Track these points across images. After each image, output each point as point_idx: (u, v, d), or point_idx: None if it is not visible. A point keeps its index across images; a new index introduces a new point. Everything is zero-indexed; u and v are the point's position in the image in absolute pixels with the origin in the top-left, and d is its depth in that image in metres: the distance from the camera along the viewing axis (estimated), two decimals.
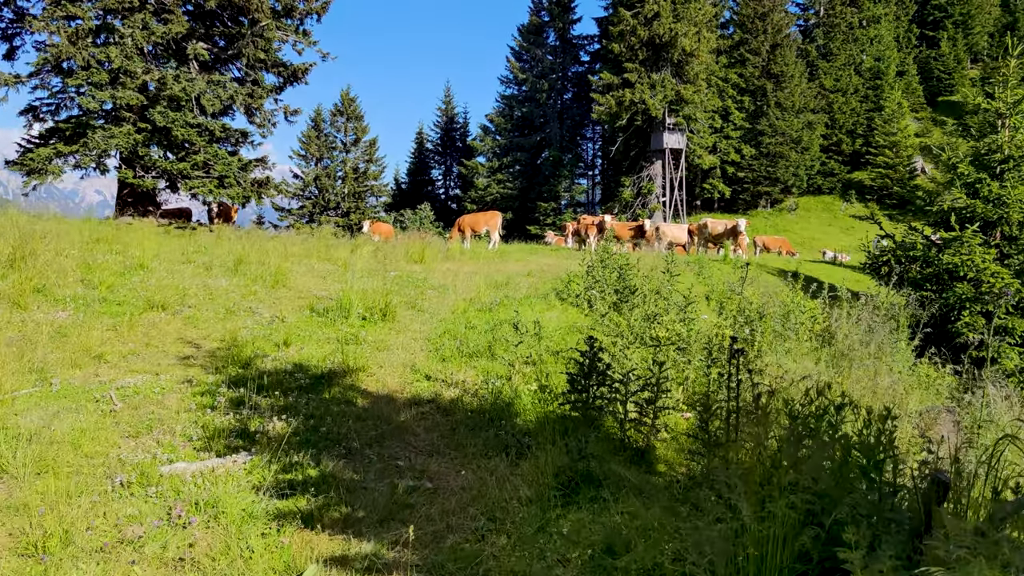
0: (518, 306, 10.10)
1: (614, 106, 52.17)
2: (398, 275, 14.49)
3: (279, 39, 27.26)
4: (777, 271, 28.45)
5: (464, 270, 17.61)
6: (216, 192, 26.00)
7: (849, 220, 57.26)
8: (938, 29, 72.57)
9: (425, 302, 10.66)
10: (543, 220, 58.86)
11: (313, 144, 57.65)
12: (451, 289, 12.17)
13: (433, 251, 20.37)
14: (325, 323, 8.69)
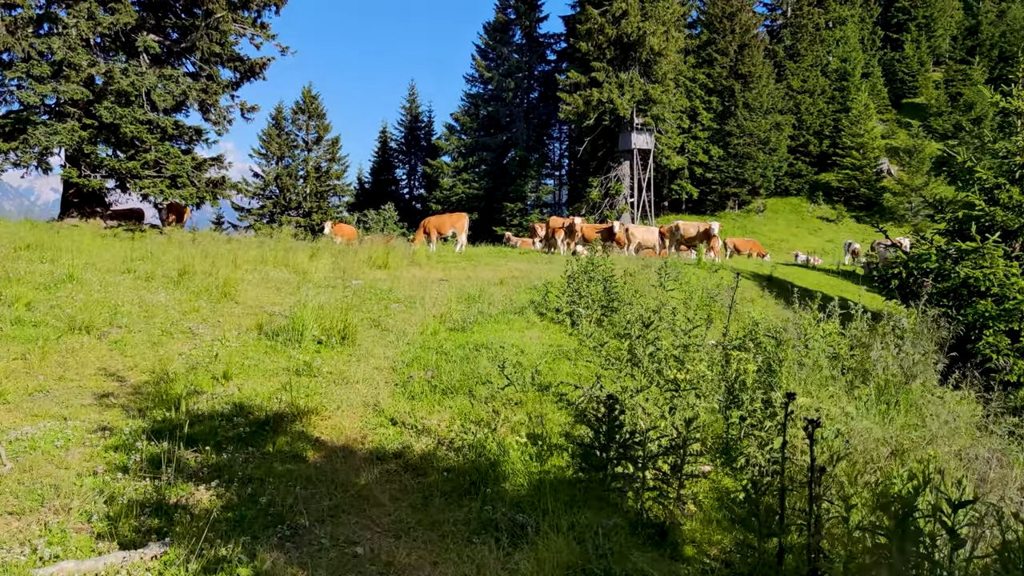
0: (494, 325, 9.03)
1: (582, 106, 51.27)
2: (361, 285, 13.33)
3: (235, 32, 25.90)
4: (751, 275, 27.70)
5: (431, 277, 16.51)
6: (168, 193, 24.60)
7: (817, 222, 56.95)
8: (902, 31, 72.77)
9: (390, 319, 9.51)
10: (509, 221, 57.83)
11: (274, 142, 56.12)
12: (419, 303, 11.03)
13: (398, 256, 19.21)
14: (274, 348, 7.53)
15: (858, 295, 10.42)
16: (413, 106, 75.04)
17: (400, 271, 17.74)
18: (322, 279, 14.32)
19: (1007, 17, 69.24)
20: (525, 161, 59.64)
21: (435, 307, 10.59)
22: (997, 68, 64.13)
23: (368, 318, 9.36)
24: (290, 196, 55.51)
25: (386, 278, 15.38)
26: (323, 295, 11.66)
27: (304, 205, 56.02)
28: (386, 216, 55.66)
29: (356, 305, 10.05)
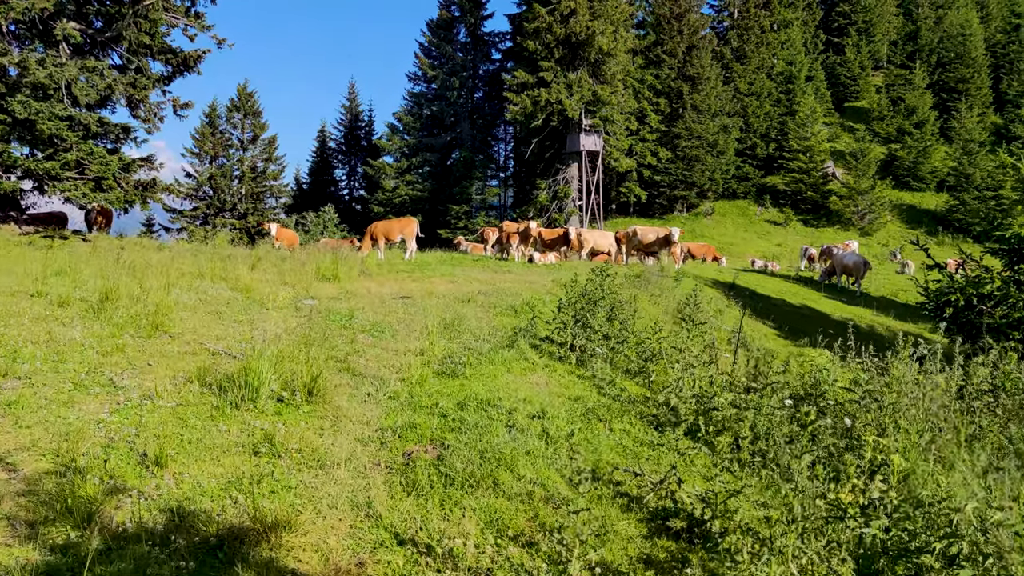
0: (489, 366, 7.50)
1: (529, 106, 49.93)
2: (315, 306, 11.65)
3: (167, 22, 23.81)
4: (713, 282, 26.66)
5: (388, 291, 14.91)
6: (92, 196, 22.45)
7: (765, 225, 56.62)
8: (843, 36, 73.22)
9: (361, 358, 7.87)
10: (454, 223, 56.24)
11: (207, 141, 53.70)
12: (388, 331, 9.42)
13: (348, 266, 17.52)
14: (222, 411, 5.84)
15: (936, 335, 9.06)
16: (353, 105, 72.96)
17: (352, 284, 16.10)
18: (268, 297, 12.60)
19: (944, 23, 70.10)
20: (470, 162, 58.09)
21: (409, 337, 9.00)
22: (936, 73, 64.76)
23: (333, 357, 7.72)
24: (225, 197, 53.23)
25: (339, 294, 13.74)
26: (275, 320, 9.98)
27: (240, 207, 53.79)
28: (326, 218, 53.71)
29: (317, 339, 8.41)
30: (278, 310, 11.09)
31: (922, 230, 54.95)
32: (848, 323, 25.76)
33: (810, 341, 19.95)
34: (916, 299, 31.91)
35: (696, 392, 6.39)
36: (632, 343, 8.19)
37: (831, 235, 52.87)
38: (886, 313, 26.89)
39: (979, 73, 64.30)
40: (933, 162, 59.25)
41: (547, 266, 24.55)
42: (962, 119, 57.68)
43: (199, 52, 24.65)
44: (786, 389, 6.09)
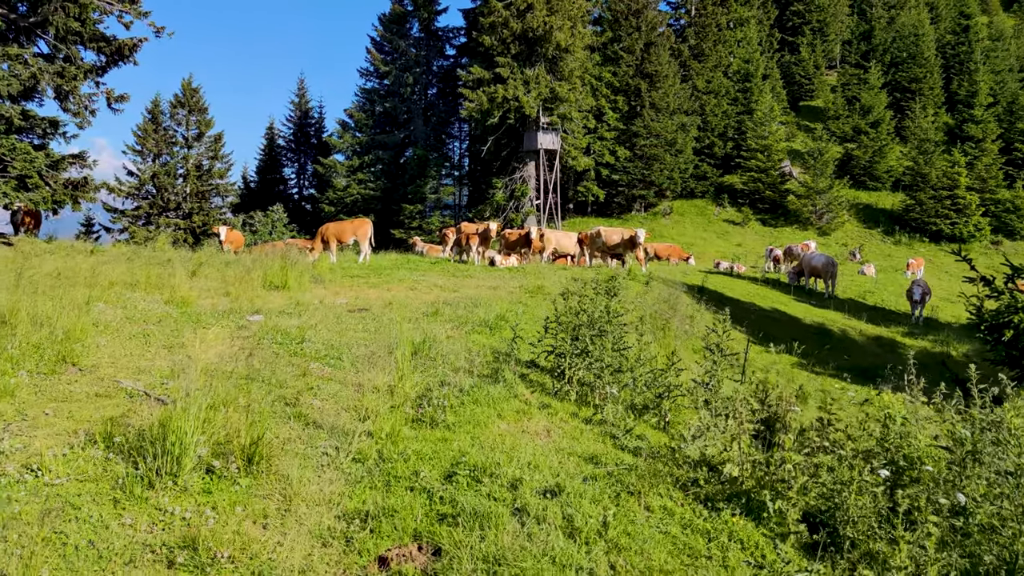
0: (475, 408, 6.13)
1: (486, 103, 48.55)
2: (261, 323, 10.16)
3: (99, 7, 21.97)
4: (680, 284, 25.62)
5: (344, 302, 13.47)
6: (15, 196, 20.60)
7: (724, 225, 55.98)
8: (797, 34, 73.11)
9: (316, 397, 6.41)
10: (408, 223, 54.63)
11: (150, 138, 51.54)
12: (346, 356, 7.98)
13: (298, 271, 15.95)
14: (130, 489, 4.31)
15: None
16: (303, 101, 70.90)
17: (303, 291, 14.61)
18: (208, 311, 11.09)
19: (896, 23, 70.38)
20: (424, 160, 56.49)
21: (373, 366, 7.57)
22: (890, 73, 64.85)
23: (282, 398, 6.27)
24: (168, 196, 51.13)
25: (289, 306, 12.24)
26: (213, 344, 8.48)
27: (184, 206, 51.77)
28: (274, 218, 51.81)
29: (262, 371, 6.97)
30: (218, 329, 9.59)
31: (879, 229, 54.84)
32: (822, 328, 24.87)
33: (786, 348, 19.02)
34: (882, 301, 31.38)
35: (725, 440, 5.14)
36: (640, 373, 6.93)
37: (789, 235, 52.41)
38: (857, 317, 26.20)
39: (931, 73, 64.56)
40: (889, 161, 59.23)
41: (509, 269, 23.23)
42: (916, 119, 57.71)
43: (135, 40, 22.83)
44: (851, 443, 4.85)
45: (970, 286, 9.20)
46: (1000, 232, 53.60)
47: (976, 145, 56.25)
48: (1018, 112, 59.56)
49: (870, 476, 3.96)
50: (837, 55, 75.18)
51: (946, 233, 52.34)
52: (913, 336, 25.35)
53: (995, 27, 73.87)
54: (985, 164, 55.27)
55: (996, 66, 64.32)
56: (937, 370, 21.49)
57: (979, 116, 57.87)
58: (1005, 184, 55.90)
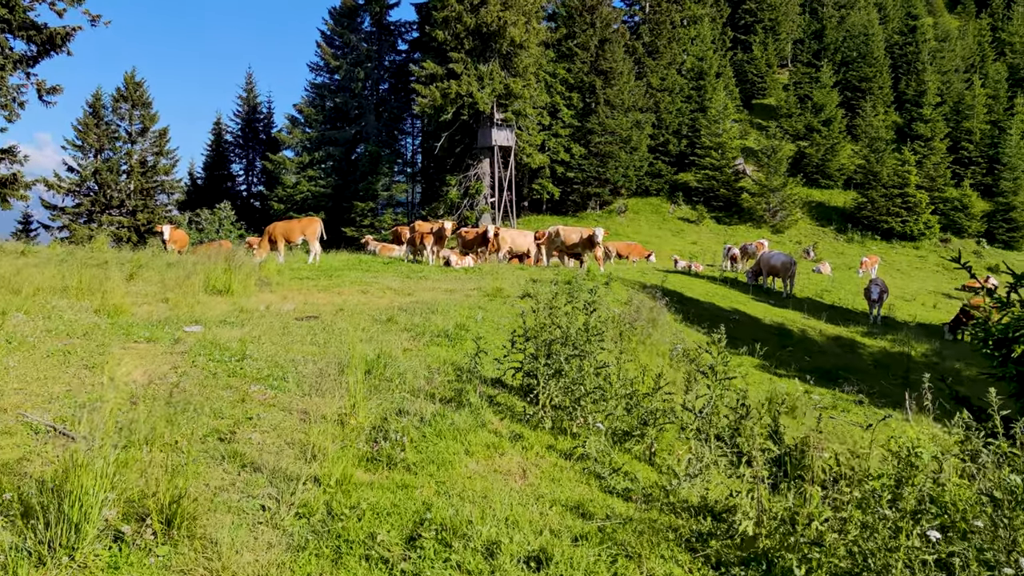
0: (438, 442, 5.39)
1: (439, 99, 47.68)
2: (199, 335, 9.30)
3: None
4: (640, 285, 25.15)
5: (290, 307, 12.63)
6: None
7: (678, 223, 55.86)
8: (750, 33, 73.43)
9: (256, 430, 5.59)
10: (360, 221, 53.54)
11: (91, 133, 49.91)
12: (293, 377, 7.16)
13: (243, 274, 14.98)
14: (13, 569, 3.50)
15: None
16: (251, 96, 69.26)
17: (248, 299, 13.68)
18: (142, 321, 10.19)
19: (847, 23, 71.04)
20: (376, 157, 55.39)
21: (321, 388, 6.78)
22: (841, 72, 65.37)
23: (215, 432, 5.46)
24: (111, 193, 49.54)
25: (232, 314, 11.36)
26: (142, 362, 7.61)
27: (128, 203, 50.22)
28: (222, 216, 50.41)
29: (192, 397, 6.14)
30: (150, 344, 8.70)
31: (832, 227, 55.21)
32: (782, 328, 24.55)
33: (748, 350, 18.61)
34: (839, 300, 31.29)
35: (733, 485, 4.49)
36: (621, 395, 6.25)
37: (743, 232, 52.46)
38: (816, 316, 25.97)
39: (881, 73, 65.26)
40: (841, 159, 59.70)
41: (466, 270, 22.49)
42: (867, 117, 58.23)
43: (68, 29, 21.64)
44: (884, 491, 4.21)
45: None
46: (948, 230, 54.32)
47: (925, 144, 56.93)
48: (964, 112, 60.46)
49: (918, 540, 3.34)
50: (789, 54, 75.71)
51: (897, 231, 52.87)
52: (872, 336, 25.18)
53: (940, 28, 74.97)
54: (934, 163, 56.00)
55: (943, 66, 65.25)
56: (899, 368, 21.35)
57: (927, 115, 58.59)
58: (953, 183, 56.71)
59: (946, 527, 3.86)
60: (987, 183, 57.12)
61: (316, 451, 5.03)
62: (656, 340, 15.87)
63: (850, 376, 19.52)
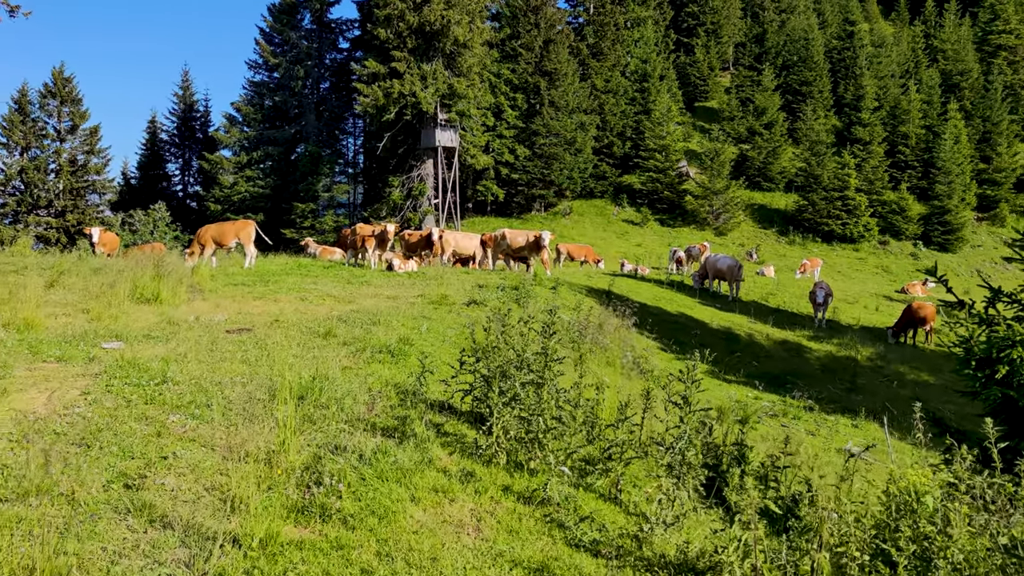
0: (383, 487, 4.77)
1: (381, 98, 46.79)
2: (119, 352, 8.52)
3: None
4: (587, 290, 24.80)
5: (222, 317, 11.88)
6: None
7: (623, 225, 55.80)
8: (692, 36, 73.90)
9: (170, 473, 4.83)
10: (300, 223, 52.29)
11: (17, 130, 48.12)
12: (218, 404, 6.44)
13: (173, 280, 14.14)
14: None
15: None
16: (187, 94, 67.32)
17: (178, 308, 12.86)
18: (56, 336, 9.37)
19: (787, 27, 71.92)
20: (317, 157, 54.22)
21: (249, 417, 6.10)
22: (782, 75, 66.09)
23: (122, 474, 4.74)
24: (38, 193, 47.77)
25: (158, 327, 10.59)
26: (48, 388, 6.82)
27: (57, 203, 48.51)
28: (156, 217, 48.77)
29: (100, 431, 5.41)
30: (61, 363, 7.91)
31: (774, 230, 55.69)
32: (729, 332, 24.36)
33: (698, 356, 18.33)
34: (785, 303, 31.36)
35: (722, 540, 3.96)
36: (581, 420, 5.69)
37: (688, 235, 52.61)
38: (763, 320, 25.91)
39: (821, 77, 66.14)
40: (782, 162, 60.30)
41: (409, 275, 21.82)
42: (808, 121, 58.91)
43: None
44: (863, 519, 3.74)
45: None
46: (887, 232, 55.17)
47: (864, 148, 57.76)
48: (900, 116, 61.54)
49: None
50: (731, 57, 76.36)
51: (838, 233, 53.53)
52: (818, 339, 25.20)
53: (877, 34, 76.40)
54: (872, 166, 56.85)
55: (879, 71, 66.38)
56: (846, 373, 21.30)
57: (866, 119, 59.48)
58: (890, 186, 57.65)
59: None
60: (923, 187, 58.18)
61: (239, 500, 4.37)
62: (606, 347, 15.45)
63: (798, 381, 19.41)
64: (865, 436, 15.19)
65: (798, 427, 14.69)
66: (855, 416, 16.50)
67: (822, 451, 12.20)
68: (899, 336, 26.12)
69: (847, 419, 16.47)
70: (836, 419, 16.34)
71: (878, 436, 15.50)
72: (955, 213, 54.65)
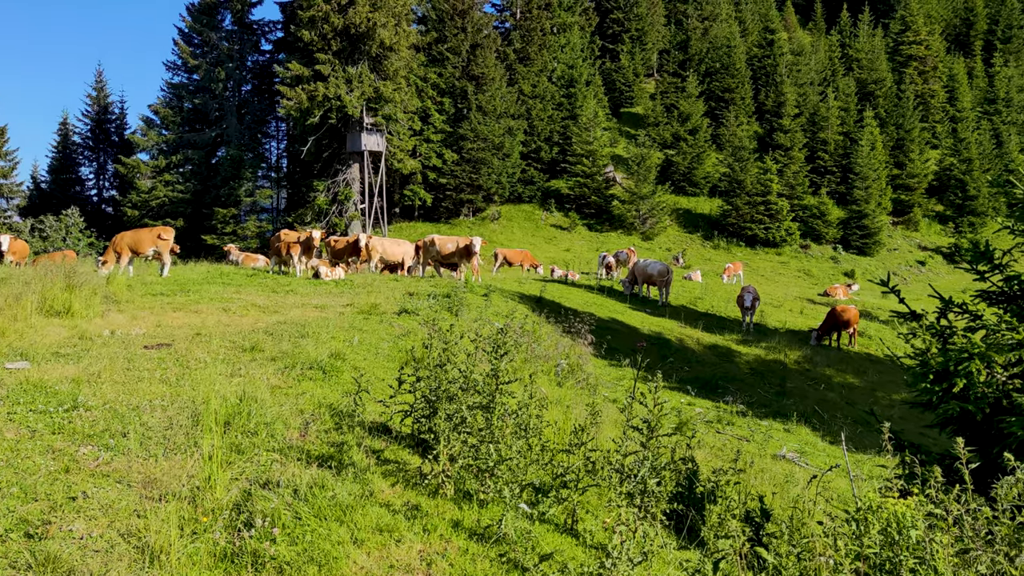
0: (316, 525, 4.33)
1: (305, 101, 45.82)
2: (25, 372, 7.86)
3: None
4: (518, 296, 24.60)
5: (140, 331, 11.25)
6: None
7: (551, 230, 55.80)
8: (617, 42, 74.57)
9: (79, 518, 4.27)
10: (222, 229, 50.85)
11: None
12: (135, 432, 5.88)
13: (87, 291, 13.33)
14: None
15: None
16: (102, 95, 64.88)
17: (91, 321, 12.12)
18: None
19: (710, 35, 73.14)
20: (238, 161, 52.84)
21: (169, 446, 5.58)
22: (706, 82, 67.12)
23: (22, 521, 4.15)
24: None
25: (69, 343, 9.90)
26: None
27: None
28: (69, 223, 46.77)
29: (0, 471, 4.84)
30: None
31: (699, 234, 56.44)
32: (660, 337, 24.38)
33: (631, 362, 18.20)
34: (712, 307, 31.65)
35: None
36: (538, 448, 5.34)
37: (615, 239, 52.88)
38: (692, 324, 26.05)
39: (743, 84, 67.40)
40: (706, 168, 61.20)
41: (336, 283, 21.23)
42: (731, 127, 59.92)
43: None
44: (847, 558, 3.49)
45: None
46: (808, 236, 56.45)
47: (785, 153, 59.04)
48: (819, 123, 63.19)
49: None
50: (655, 64, 77.27)
51: (761, 237, 54.52)
52: (747, 343, 25.44)
53: (796, 42, 78.32)
54: (793, 171, 58.14)
55: (799, 79, 68.01)
56: (775, 377, 21.50)
57: (787, 126, 60.81)
58: (811, 191, 59.06)
59: None
60: (841, 192, 59.80)
61: (158, 549, 3.89)
62: (540, 356, 15.16)
63: (729, 386, 19.51)
64: (798, 440, 15.26)
65: (733, 433, 14.67)
66: (787, 420, 16.59)
67: (758, 457, 12.14)
68: (823, 339, 26.58)
69: (779, 423, 16.54)
70: (769, 423, 16.41)
71: (810, 440, 15.59)
72: (872, 217, 56.26)
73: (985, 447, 6.15)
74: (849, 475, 4.90)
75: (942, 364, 6.08)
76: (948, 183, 63.16)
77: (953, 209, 62.47)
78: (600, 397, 11.79)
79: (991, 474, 5.11)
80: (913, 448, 6.30)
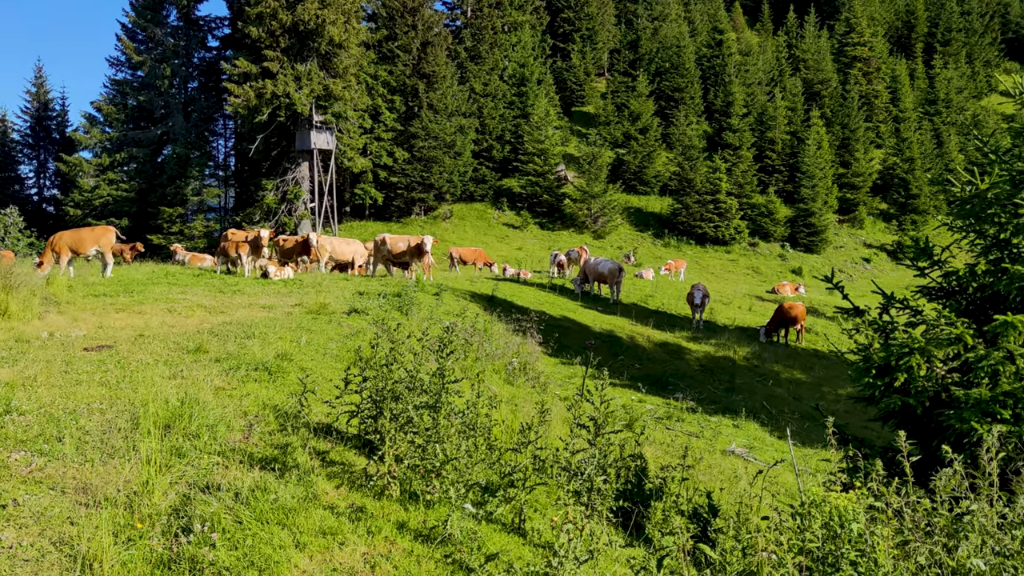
0: (257, 529, 4.23)
1: (253, 99, 45.17)
2: None
3: None
4: (470, 295, 24.54)
5: (80, 333, 10.98)
6: None
7: (504, 229, 55.82)
8: (568, 41, 74.83)
9: (9, 527, 4.17)
10: (168, 228, 49.95)
11: None
12: (71, 438, 5.69)
13: (25, 293, 12.97)
14: None
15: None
16: (42, 91, 63.30)
17: (29, 323, 11.81)
18: None
19: (660, 35, 73.79)
20: (185, 159, 51.92)
21: (106, 451, 5.43)
22: (656, 81, 67.68)
23: None
24: None
25: (5, 345, 9.63)
26: None
27: None
28: (7, 223, 45.44)
29: None
30: None
31: (650, 232, 56.89)
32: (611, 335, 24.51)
33: (582, 360, 18.28)
34: (663, 305, 31.95)
35: None
36: (484, 448, 5.30)
37: (567, 238, 53.07)
38: (643, 322, 26.19)
39: (692, 83, 68.10)
40: (657, 167, 61.71)
41: (285, 282, 20.95)
42: (680, 126, 60.48)
43: None
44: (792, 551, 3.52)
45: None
46: (756, 235, 57.27)
47: (734, 152, 59.79)
48: (767, 122, 64.11)
49: None
50: (606, 63, 77.66)
51: (710, 236, 55.18)
52: (697, 340, 25.67)
53: (744, 43, 79.39)
54: (742, 170, 58.95)
55: (747, 79, 68.94)
56: (724, 373, 21.76)
57: (735, 125, 61.56)
58: (759, 190, 59.90)
59: None
60: (789, 190, 60.76)
61: (91, 557, 3.77)
62: (491, 355, 15.12)
63: (680, 382, 19.67)
64: (747, 436, 15.45)
65: (683, 429, 14.79)
66: (736, 416, 16.77)
67: (707, 453, 12.27)
68: (771, 335, 26.96)
69: (728, 419, 16.71)
70: (719, 420, 16.58)
71: (758, 435, 15.80)
72: (819, 216, 57.27)
73: (925, 440, 6.29)
74: (795, 470, 4.94)
75: (884, 359, 6.20)
76: (892, 182, 64.69)
77: (896, 207, 63.97)
78: (550, 395, 11.82)
79: (931, 466, 5.21)
80: (857, 442, 6.42)
